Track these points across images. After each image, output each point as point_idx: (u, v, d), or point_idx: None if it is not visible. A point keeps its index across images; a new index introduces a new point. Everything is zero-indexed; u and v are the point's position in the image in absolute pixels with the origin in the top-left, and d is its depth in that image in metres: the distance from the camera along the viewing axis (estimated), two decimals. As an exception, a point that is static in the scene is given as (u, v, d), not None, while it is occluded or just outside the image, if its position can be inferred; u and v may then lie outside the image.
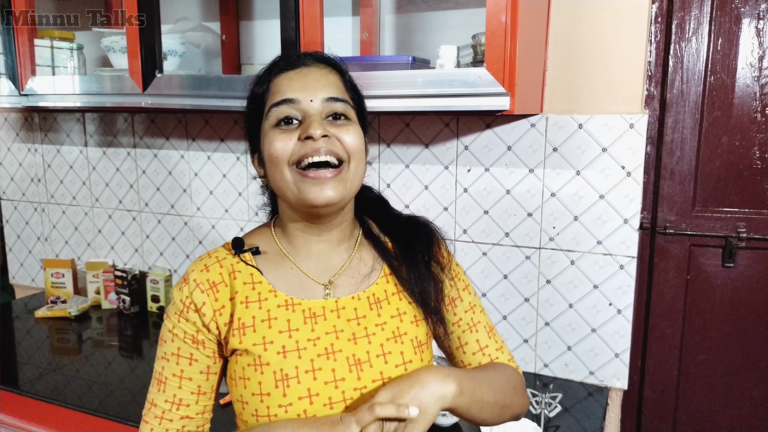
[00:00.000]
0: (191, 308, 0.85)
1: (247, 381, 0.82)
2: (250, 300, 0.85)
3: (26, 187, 2.41)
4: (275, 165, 0.83)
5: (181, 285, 0.87)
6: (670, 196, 1.53)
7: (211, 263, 0.88)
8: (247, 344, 0.83)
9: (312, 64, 0.87)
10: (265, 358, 0.82)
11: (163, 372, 0.86)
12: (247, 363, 0.82)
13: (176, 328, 0.85)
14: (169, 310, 0.87)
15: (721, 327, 1.54)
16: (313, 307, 0.86)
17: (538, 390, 1.46)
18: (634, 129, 1.47)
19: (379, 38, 1.70)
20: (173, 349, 0.86)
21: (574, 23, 1.50)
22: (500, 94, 1.23)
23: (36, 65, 1.81)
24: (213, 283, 0.86)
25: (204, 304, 0.84)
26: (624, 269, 1.53)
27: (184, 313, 0.85)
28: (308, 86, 0.84)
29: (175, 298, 0.86)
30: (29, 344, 1.87)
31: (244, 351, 0.83)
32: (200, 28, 1.84)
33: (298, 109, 0.83)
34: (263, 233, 0.93)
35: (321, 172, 0.81)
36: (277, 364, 0.81)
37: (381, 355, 0.85)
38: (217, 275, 0.86)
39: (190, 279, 0.86)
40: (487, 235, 1.66)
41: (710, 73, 1.46)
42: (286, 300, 0.86)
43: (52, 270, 2.21)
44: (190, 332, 0.85)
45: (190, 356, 0.85)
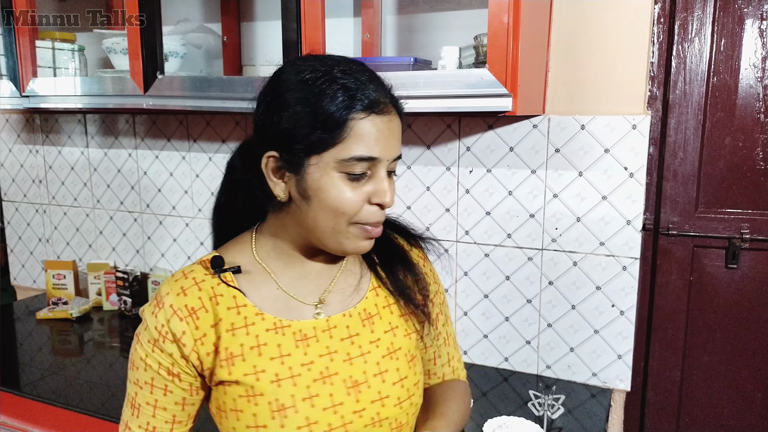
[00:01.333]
0: (167, 338, 0.77)
1: (239, 413, 0.77)
2: (236, 326, 0.78)
3: (27, 188, 2.40)
4: (334, 216, 0.76)
5: (154, 309, 0.78)
6: (673, 197, 1.52)
7: (188, 285, 0.79)
8: (238, 375, 0.77)
9: (391, 111, 0.78)
10: (258, 388, 0.76)
11: (137, 398, 0.81)
12: (239, 394, 0.77)
13: (149, 358, 0.78)
14: (141, 335, 0.79)
15: (724, 328, 1.53)
16: (304, 328, 0.81)
17: (540, 391, 1.45)
18: (636, 130, 1.47)
19: (381, 39, 1.70)
20: (146, 378, 0.79)
21: (576, 24, 1.50)
22: (502, 95, 1.22)
23: (37, 66, 1.81)
24: (192, 309, 0.78)
25: (183, 333, 0.77)
26: (627, 270, 1.52)
27: (159, 343, 0.77)
28: (390, 144, 0.77)
29: (149, 324, 0.78)
30: (30, 346, 1.87)
31: (234, 382, 0.77)
32: (201, 29, 1.83)
33: (373, 165, 0.76)
34: (243, 248, 0.85)
35: (377, 230, 0.79)
36: (271, 394, 0.76)
37: (378, 374, 0.82)
38: (196, 300, 0.78)
39: (165, 304, 0.78)
40: (489, 237, 1.66)
41: (713, 74, 1.46)
42: (274, 323, 0.80)
43: (53, 271, 2.21)
44: (165, 364, 0.78)
45: (164, 387, 0.79)
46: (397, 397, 0.83)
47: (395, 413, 0.83)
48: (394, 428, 0.83)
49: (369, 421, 0.80)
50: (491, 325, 1.70)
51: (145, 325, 0.79)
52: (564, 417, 1.43)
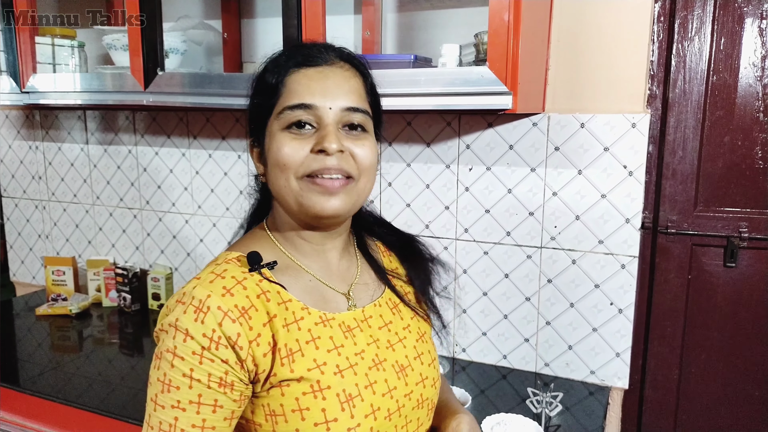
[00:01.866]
0: (221, 343, 0.70)
1: (305, 411, 0.73)
2: (288, 322, 0.76)
3: (27, 184, 2.40)
4: (281, 172, 0.77)
5: (198, 315, 0.70)
6: (672, 195, 1.52)
7: (231, 285, 0.74)
8: (301, 371, 0.74)
9: (335, 62, 0.80)
10: (324, 381, 0.74)
11: (177, 423, 0.70)
12: (302, 391, 0.73)
13: (197, 371, 0.69)
14: (180, 348, 0.70)
15: (722, 327, 1.54)
16: (346, 319, 0.81)
17: (539, 389, 1.46)
18: (636, 128, 1.47)
19: (381, 37, 1.70)
20: (191, 397, 0.70)
21: (576, 22, 1.50)
22: (502, 93, 1.23)
23: (37, 63, 1.81)
24: (243, 309, 0.72)
25: (239, 335, 0.71)
26: (625, 269, 1.53)
27: (210, 351, 0.70)
28: (328, 91, 0.77)
29: (193, 332, 0.70)
30: (30, 342, 1.87)
31: (296, 379, 0.73)
32: (202, 26, 1.83)
33: (314, 115, 0.77)
34: (263, 241, 0.84)
35: (329, 181, 0.76)
36: (338, 386, 0.75)
37: (417, 357, 0.86)
38: (244, 299, 0.73)
39: (211, 306, 0.71)
40: (488, 234, 1.66)
41: (713, 73, 1.46)
42: (320, 316, 0.79)
43: (53, 267, 2.21)
44: (218, 374, 0.70)
45: (214, 403, 0.71)
46: (433, 378, 0.87)
47: (432, 394, 0.86)
48: (430, 409, 0.87)
49: (415, 404, 0.83)
50: (490, 322, 1.70)
51: (184, 335, 0.70)
52: (562, 414, 1.44)
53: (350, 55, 0.83)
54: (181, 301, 0.72)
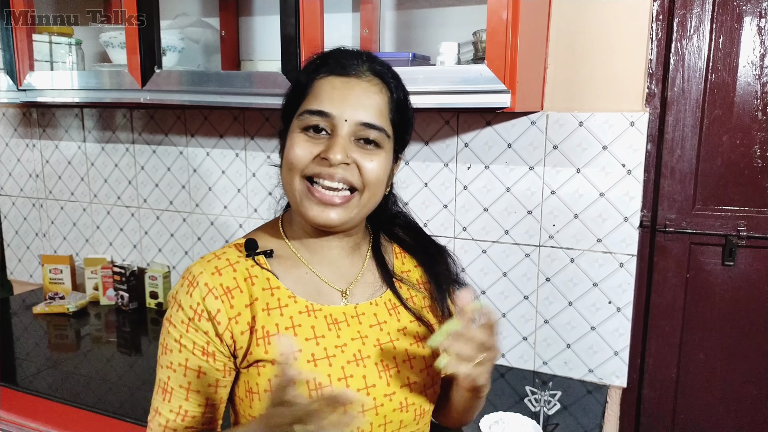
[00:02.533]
0: (203, 316, 0.78)
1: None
2: (271, 307, 0.80)
3: (24, 182, 2.40)
4: (288, 170, 0.80)
5: (189, 289, 0.79)
6: (671, 194, 1.52)
7: (223, 266, 0.80)
8: (274, 354, 0.77)
9: (364, 75, 0.81)
10: (303, 369, 0.77)
11: (169, 382, 0.80)
12: (275, 374, 0.77)
13: (184, 338, 0.79)
14: (173, 316, 0.80)
15: (720, 325, 1.54)
16: (334, 312, 0.83)
17: (537, 388, 1.46)
18: (634, 127, 1.47)
19: (380, 35, 1.69)
20: (180, 360, 0.79)
21: (575, 20, 1.50)
22: (501, 91, 1.22)
23: (34, 60, 1.80)
24: (227, 288, 0.79)
25: (218, 311, 0.78)
26: (624, 267, 1.53)
27: (194, 322, 0.78)
28: (348, 102, 0.78)
29: (183, 304, 0.79)
30: (27, 340, 1.86)
31: (270, 361, 0.78)
32: (199, 24, 1.83)
33: (330, 123, 0.79)
34: (272, 233, 0.88)
35: (327, 194, 0.78)
36: (308, 373, 0.77)
37: (406, 361, 0.85)
38: (231, 280, 0.80)
39: (200, 282, 0.79)
40: (486, 233, 1.66)
41: (711, 72, 1.46)
42: (306, 306, 0.82)
43: (50, 266, 2.20)
44: (200, 343, 0.78)
45: (198, 369, 0.79)
46: (423, 384, 0.86)
47: (420, 400, 0.86)
48: (418, 415, 0.86)
49: (397, 405, 0.83)
50: (488, 321, 1.70)
51: (178, 305, 0.79)
52: (560, 413, 1.44)
53: (383, 70, 0.83)
54: (183, 276, 0.82)
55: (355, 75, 0.80)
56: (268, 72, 1.49)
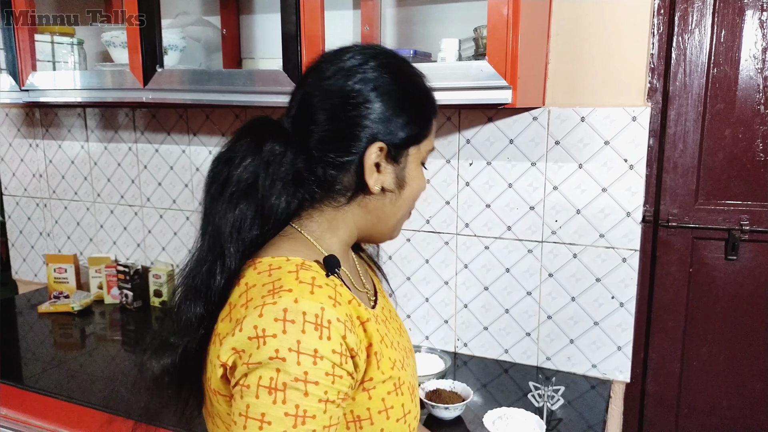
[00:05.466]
0: (347, 356, 0.67)
1: (390, 410, 0.73)
2: (371, 323, 0.75)
3: (28, 182, 2.41)
4: (409, 200, 0.82)
5: (321, 332, 0.64)
6: (673, 188, 1.52)
7: (332, 294, 0.69)
8: (387, 370, 0.74)
9: None
10: (402, 377, 0.76)
11: None
12: (387, 391, 0.73)
13: (330, 392, 0.64)
14: (312, 372, 0.63)
15: (723, 320, 1.54)
16: (380, 315, 0.82)
17: (540, 383, 1.46)
18: (636, 122, 1.47)
19: (380, 32, 1.69)
20: (326, 422, 0.65)
21: (576, 15, 1.50)
22: (502, 87, 1.22)
23: (37, 60, 1.81)
24: (350, 317, 0.69)
25: (357, 345, 0.69)
26: (626, 262, 1.53)
27: (341, 367, 0.65)
28: None
29: (322, 351, 0.64)
30: (32, 339, 1.87)
31: (383, 380, 0.73)
32: (200, 23, 1.83)
33: None
34: (307, 245, 0.78)
35: None
36: (407, 379, 0.77)
37: (409, 339, 0.92)
38: (347, 306, 0.70)
39: (332, 320, 0.65)
40: (489, 229, 1.66)
41: (713, 65, 1.46)
42: (373, 315, 0.79)
43: (54, 265, 2.21)
44: (345, 389, 0.67)
45: (338, 422, 0.68)
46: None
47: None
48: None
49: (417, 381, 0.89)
50: (491, 317, 1.70)
51: (313, 357, 0.63)
52: (564, 408, 1.44)
53: None
54: (288, 321, 0.64)
55: None
56: (269, 70, 1.49)
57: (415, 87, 0.80)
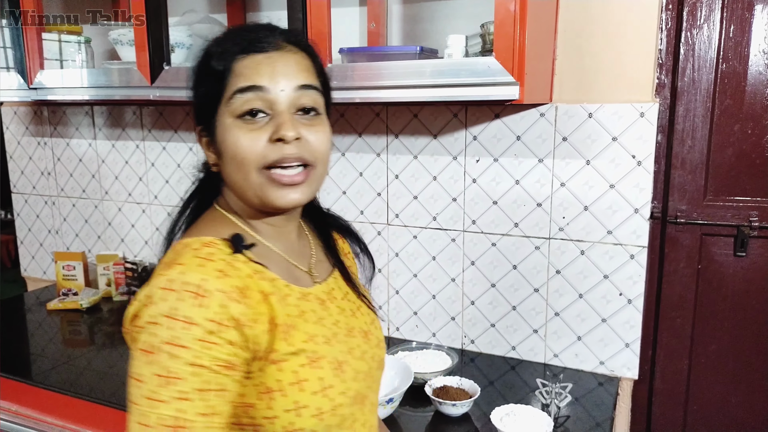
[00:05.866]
0: (229, 325, 0.69)
1: (304, 383, 0.75)
2: (280, 297, 0.77)
3: (36, 180, 2.42)
4: (239, 166, 0.76)
5: (198, 301, 0.68)
6: (681, 185, 1.51)
7: (223, 267, 0.72)
8: (298, 344, 0.76)
9: (283, 46, 0.78)
10: (319, 351, 0.78)
11: (182, 415, 0.66)
12: (300, 364, 0.75)
13: (203, 358, 0.67)
14: (182, 337, 0.67)
15: (732, 317, 1.53)
16: (318, 293, 0.85)
17: (548, 380, 1.46)
18: (644, 118, 1.46)
19: (387, 28, 1.69)
20: (197, 386, 0.67)
21: (583, 11, 1.49)
22: (509, 83, 1.22)
23: (44, 59, 1.82)
24: (240, 288, 0.72)
25: (243, 314, 0.70)
26: (634, 259, 1.52)
27: (217, 334, 0.68)
28: (278, 71, 0.76)
29: (195, 318, 0.67)
30: (41, 336, 1.89)
31: (294, 353, 0.75)
32: (207, 20, 1.83)
33: (266, 100, 0.76)
34: (227, 224, 0.82)
35: (287, 176, 0.77)
36: (329, 354, 0.79)
37: (371, 322, 0.92)
38: (239, 279, 0.73)
39: (210, 290, 0.69)
40: (496, 226, 1.65)
41: (722, 61, 1.45)
42: (300, 292, 0.81)
43: (63, 263, 2.22)
44: (224, 357, 0.68)
45: (220, 388, 0.69)
46: (382, 339, 0.94)
47: (383, 354, 0.93)
48: (382, 368, 0.93)
49: (377, 365, 0.89)
50: (498, 314, 1.70)
51: (185, 323, 0.67)
52: (571, 405, 1.44)
53: (297, 37, 0.82)
54: (170, 289, 0.69)
55: (274, 49, 0.78)
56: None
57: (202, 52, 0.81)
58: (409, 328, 1.83)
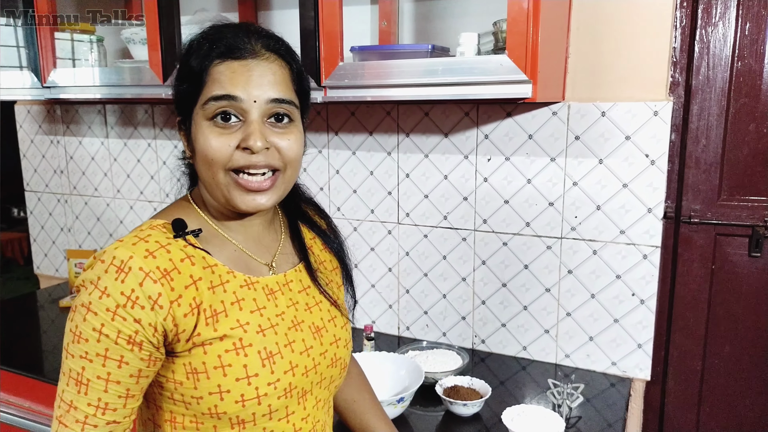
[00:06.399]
0: (137, 303, 0.73)
1: (227, 368, 0.77)
2: (215, 284, 0.80)
3: (49, 178, 2.44)
4: (208, 166, 0.79)
5: (119, 275, 0.73)
6: (695, 184, 1.50)
7: (154, 248, 0.76)
8: (224, 329, 0.78)
9: (260, 54, 0.80)
10: (246, 339, 0.79)
11: (84, 373, 0.74)
12: (225, 349, 0.78)
13: (107, 327, 0.72)
14: (95, 304, 0.73)
15: (746, 318, 1.51)
16: (269, 283, 0.86)
17: (559, 380, 1.45)
18: (658, 116, 1.45)
19: (398, 27, 1.69)
20: (98, 350, 0.73)
21: (596, 8, 1.48)
22: (522, 81, 1.21)
23: (57, 58, 1.83)
24: (165, 270, 0.75)
25: (160, 295, 0.74)
26: (647, 259, 1.51)
27: (125, 309, 0.72)
28: (253, 82, 0.78)
29: (110, 290, 0.72)
30: (54, 333, 1.90)
31: (219, 338, 0.78)
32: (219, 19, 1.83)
33: (239, 108, 0.78)
34: (189, 211, 0.86)
35: (254, 182, 0.79)
36: (260, 343, 0.80)
37: (330, 320, 0.92)
38: (167, 262, 0.76)
39: (132, 267, 0.73)
40: (507, 225, 1.65)
41: (737, 59, 1.43)
42: (245, 279, 0.83)
43: (75, 260, 2.24)
44: (127, 332, 0.73)
45: (120, 359, 0.74)
46: (345, 339, 0.95)
47: (344, 354, 0.94)
48: (342, 368, 0.95)
49: (330, 362, 0.90)
50: (509, 313, 1.69)
51: (101, 292, 0.73)
52: (583, 406, 1.43)
53: (276, 44, 0.83)
54: (101, 260, 0.75)
55: (251, 56, 0.79)
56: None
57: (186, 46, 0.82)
58: (420, 327, 1.83)
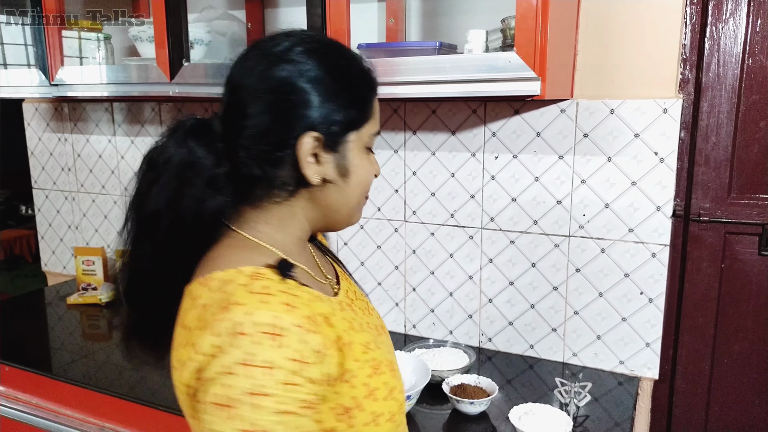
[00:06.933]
0: (310, 361, 0.64)
1: (376, 392, 0.74)
2: (335, 315, 0.75)
3: (57, 176, 2.44)
4: (359, 189, 0.81)
5: (275, 341, 0.62)
6: (705, 182, 1.49)
7: (287, 299, 0.67)
8: (359, 356, 0.74)
9: None
10: (376, 357, 0.77)
11: None
12: (368, 375, 0.73)
13: (288, 403, 0.62)
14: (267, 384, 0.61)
15: (756, 317, 1.50)
16: (344, 300, 0.83)
17: (567, 379, 1.44)
18: (667, 114, 1.44)
19: (405, 24, 1.68)
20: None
21: (605, 5, 1.47)
22: (530, 78, 1.20)
23: (65, 56, 1.83)
24: (310, 318, 0.67)
25: (324, 345, 0.67)
26: (656, 257, 1.50)
27: (299, 374, 0.63)
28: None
29: (278, 362, 0.62)
30: (61, 330, 1.91)
31: (360, 366, 0.73)
32: (226, 17, 1.83)
33: None
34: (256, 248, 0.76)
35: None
36: (383, 357, 0.79)
37: (373, 312, 0.92)
38: (306, 307, 0.68)
39: (285, 326, 0.63)
40: (514, 223, 1.64)
41: (748, 56, 1.42)
42: (337, 303, 0.79)
43: (82, 258, 2.25)
44: (306, 397, 0.64)
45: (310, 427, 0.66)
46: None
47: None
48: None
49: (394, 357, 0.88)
50: (516, 312, 1.68)
51: (266, 368, 0.61)
52: (590, 405, 1.42)
53: None
54: (240, 333, 0.62)
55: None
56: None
57: (347, 70, 0.77)
58: (426, 325, 1.82)
